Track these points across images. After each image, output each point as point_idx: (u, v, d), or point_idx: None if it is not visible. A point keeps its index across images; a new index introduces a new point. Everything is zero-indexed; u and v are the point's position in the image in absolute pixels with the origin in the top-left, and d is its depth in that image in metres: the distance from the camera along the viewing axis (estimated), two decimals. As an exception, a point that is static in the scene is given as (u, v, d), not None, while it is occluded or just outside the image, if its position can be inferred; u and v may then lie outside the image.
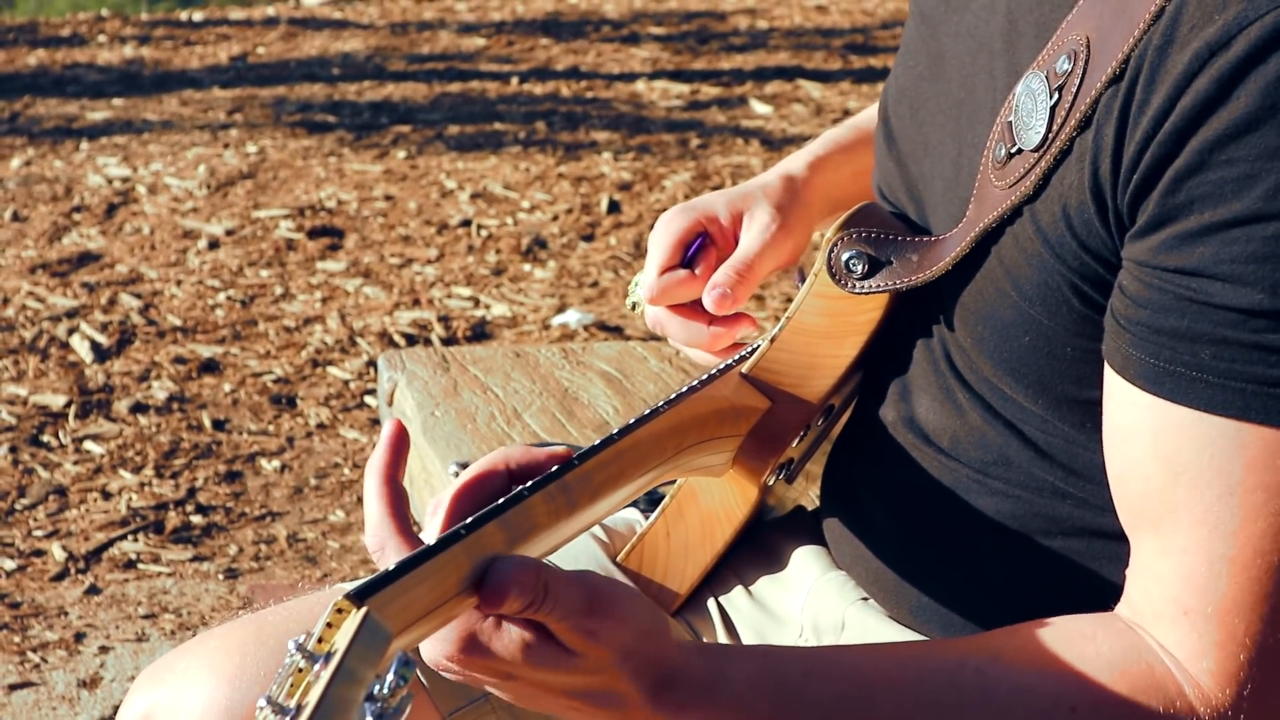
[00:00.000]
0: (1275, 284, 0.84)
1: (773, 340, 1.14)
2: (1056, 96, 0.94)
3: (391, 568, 0.82)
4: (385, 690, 0.76)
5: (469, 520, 0.86)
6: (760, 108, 5.49)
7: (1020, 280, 0.98)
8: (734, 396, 1.14)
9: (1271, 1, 0.84)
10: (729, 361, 1.17)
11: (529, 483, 0.91)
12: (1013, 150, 0.97)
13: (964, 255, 1.01)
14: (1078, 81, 0.93)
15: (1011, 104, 0.98)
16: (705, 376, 1.14)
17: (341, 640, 0.76)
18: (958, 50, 1.09)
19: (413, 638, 0.82)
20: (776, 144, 5.03)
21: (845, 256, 1.08)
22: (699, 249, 1.26)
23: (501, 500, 0.88)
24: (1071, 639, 0.93)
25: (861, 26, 6.87)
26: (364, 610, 0.77)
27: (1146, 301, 0.89)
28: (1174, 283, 0.88)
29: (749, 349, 1.19)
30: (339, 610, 0.78)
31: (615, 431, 1.03)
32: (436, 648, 0.88)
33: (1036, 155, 0.95)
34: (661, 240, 1.26)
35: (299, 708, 0.73)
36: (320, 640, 0.77)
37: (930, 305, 1.08)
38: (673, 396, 1.10)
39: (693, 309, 1.24)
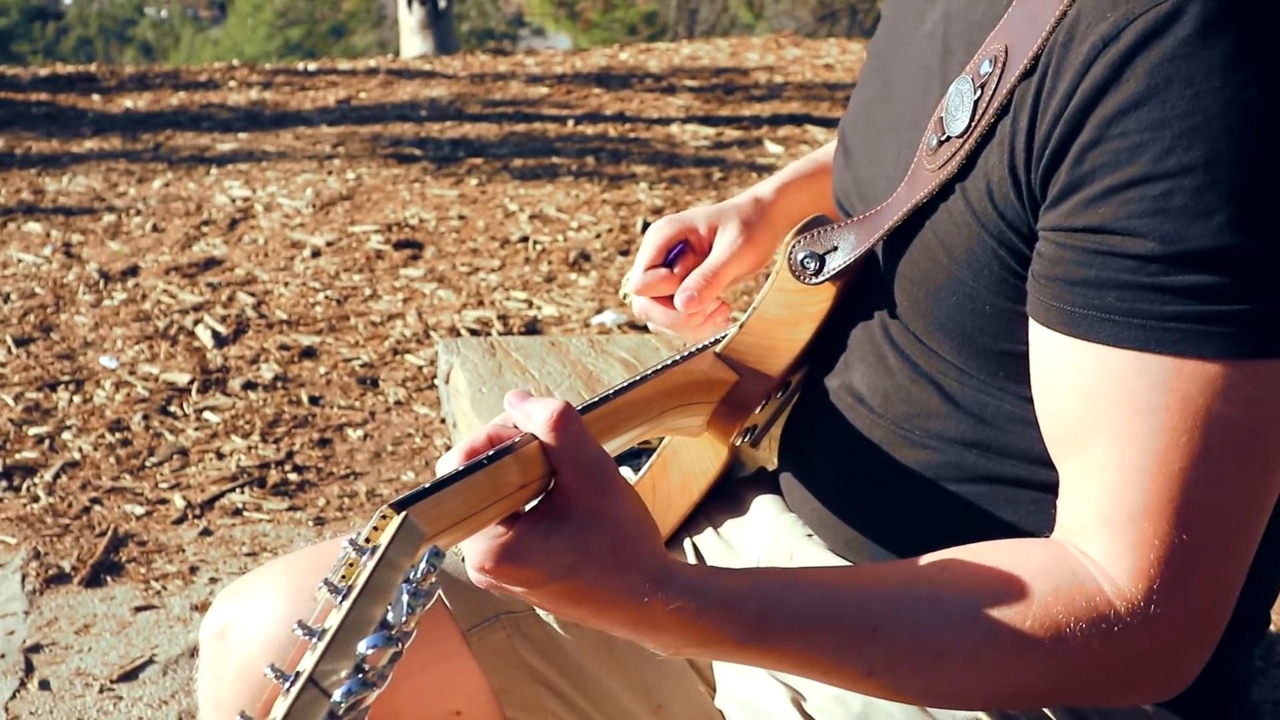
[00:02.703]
0: (1164, 234, 0.83)
1: (741, 326, 1.15)
2: (979, 92, 0.94)
3: (427, 486, 0.83)
4: (418, 575, 0.78)
5: (491, 452, 0.86)
6: (773, 148, 5.48)
7: (952, 248, 0.97)
8: (709, 371, 1.15)
9: (1151, 1, 0.84)
10: (706, 342, 1.17)
11: None
12: (943, 138, 0.97)
13: (898, 227, 1.01)
14: (997, 78, 0.92)
15: (944, 104, 0.98)
16: (686, 353, 1.15)
17: (384, 538, 0.78)
18: (903, 76, 1.09)
19: (444, 542, 0.82)
20: (785, 177, 5.03)
21: (800, 256, 1.09)
22: (679, 253, 1.29)
23: (518, 438, 0.88)
24: (1007, 550, 0.92)
25: (861, 82, 6.86)
26: (404, 515, 0.79)
27: (1061, 259, 0.88)
28: (1082, 240, 0.87)
29: (722, 333, 1.19)
30: (383, 517, 0.79)
31: (611, 391, 1.03)
32: (475, 561, 0.87)
33: (961, 140, 0.95)
34: (649, 244, 1.29)
35: (349, 588, 0.75)
36: (367, 540, 0.79)
37: (871, 287, 1.07)
38: (659, 366, 1.11)
39: (670, 300, 1.28)
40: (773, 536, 1.20)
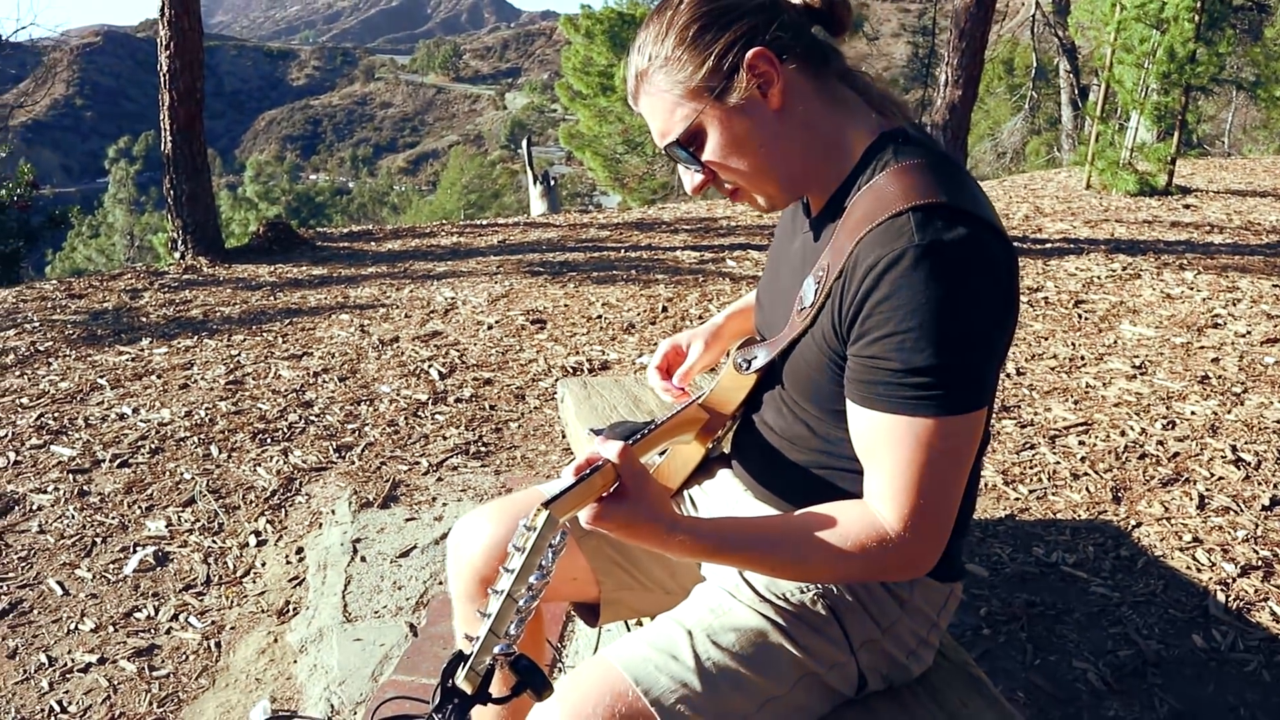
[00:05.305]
0: (903, 360, 0.85)
1: (711, 391, 1.17)
2: (817, 284, 0.94)
3: (558, 491, 0.82)
4: (557, 542, 0.79)
5: (588, 471, 0.86)
6: (731, 263, 5.46)
7: (809, 360, 0.98)
8: (696, 415, 1.16)
9: (894, 246, 0.84)
10: (693, 399, 1.20)
11: None
12: (801, 307, 0.97)
13: (785, 349, 1.01)
14: (824, 278, 0.93)
15: (803, 288, 0.99)
16: (685, 404, 1.19)
17: (539, 521, 0.79)
18: (784, 271, 1.08)
19: (569, 518, 0.84)
20: (737, 280, 5.00)
21: (739, 359, 1.10)
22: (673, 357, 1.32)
23: (600, 461, 0.88)
24: (840, 507, 0.92)
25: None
26: (548, 511, 0.79)
27: (857, 369, 0.90)
28: (866, 362, 0.88)
29: (702, 393, 1.22)
30: (538, 510, 0.79)
31: (648, 429, 1.07)
32: (584, 518, 0.88)
33: (811, 308, 0.95)
34: (657, 353, 1.32)
35: (525, 548, 0.78)
36: (532, 520, 0.79)
37: (775, 375, 1.07)
38: (672, 413, 1.14)
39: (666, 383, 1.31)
40: (727, 490, 1.21)
